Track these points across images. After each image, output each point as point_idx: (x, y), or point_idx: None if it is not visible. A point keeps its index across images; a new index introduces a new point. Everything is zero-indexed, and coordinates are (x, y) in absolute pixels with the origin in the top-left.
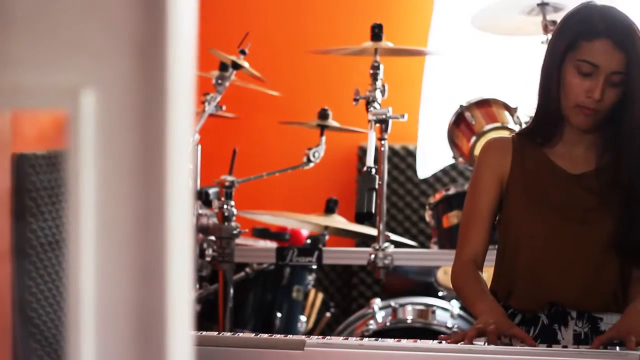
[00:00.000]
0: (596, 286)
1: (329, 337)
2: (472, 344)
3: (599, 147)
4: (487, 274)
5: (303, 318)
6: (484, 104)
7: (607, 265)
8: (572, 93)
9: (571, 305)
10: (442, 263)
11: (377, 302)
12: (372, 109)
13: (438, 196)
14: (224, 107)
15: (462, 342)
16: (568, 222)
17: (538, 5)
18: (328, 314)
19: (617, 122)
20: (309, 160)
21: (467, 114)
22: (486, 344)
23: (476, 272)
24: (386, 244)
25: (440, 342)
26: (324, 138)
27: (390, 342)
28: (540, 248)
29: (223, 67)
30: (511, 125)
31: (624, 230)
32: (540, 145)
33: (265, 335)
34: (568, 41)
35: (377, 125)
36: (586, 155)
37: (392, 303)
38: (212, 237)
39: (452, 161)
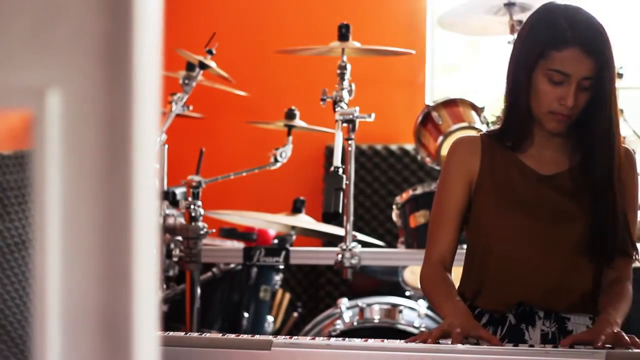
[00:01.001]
0: (565, 287)
1: (296, 337)
2: (437, 343)
3: (569, 149)
4: (455, 273)
5: (270, 318)
6: (450, 104)
7: (576, 266)
8: (545, 100)
9: (539, 306)
10: (409, 263)
11: (344, 302)
12: (339, 108)
13: (405, 196)
14: (191, 107)
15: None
16: (538, 223)
17: (505, 5)
18: (295, 314)
19: (587, 123)
20: (276, 160)
21: (434, 114)
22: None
23: (444, 274)
24: (353, 244)
25: (406, 342)
26: (290, 138)
27: (357, 341)
28: (510, 248)
29: (190, 67)
30: (478, 125)
31: (595, 230)
32: (510, 148)
33: (232, 336)
34: (537, 51)
35: (344, 125)
36: (556, 156)
37: (359, 303)
38: (179, 237)
39: None
